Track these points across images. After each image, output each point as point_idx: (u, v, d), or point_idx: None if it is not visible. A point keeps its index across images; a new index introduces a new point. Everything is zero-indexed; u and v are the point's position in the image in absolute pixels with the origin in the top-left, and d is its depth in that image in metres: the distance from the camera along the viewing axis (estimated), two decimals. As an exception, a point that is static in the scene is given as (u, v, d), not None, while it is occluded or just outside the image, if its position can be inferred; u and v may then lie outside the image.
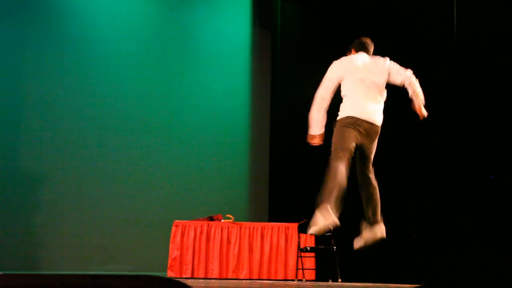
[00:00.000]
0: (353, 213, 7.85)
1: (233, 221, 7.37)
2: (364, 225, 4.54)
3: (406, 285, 4.76)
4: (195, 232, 7.18)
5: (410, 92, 4.66)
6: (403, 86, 4.71)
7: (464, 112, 7.09)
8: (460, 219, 6.95)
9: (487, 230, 6.69)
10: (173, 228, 7.18)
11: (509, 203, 6.57)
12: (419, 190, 7.40)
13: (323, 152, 8.50)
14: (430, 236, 7.14)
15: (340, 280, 6.61)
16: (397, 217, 7.44)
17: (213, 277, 7.10)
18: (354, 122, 4.46)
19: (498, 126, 6.82)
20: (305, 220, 6.99)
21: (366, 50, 4.79)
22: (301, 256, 6.87)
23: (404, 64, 7.75)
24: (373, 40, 8.13)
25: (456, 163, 7.07)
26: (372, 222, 4.51)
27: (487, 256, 6.61)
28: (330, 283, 6.59)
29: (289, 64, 8.81)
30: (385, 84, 4.67)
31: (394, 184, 7.62)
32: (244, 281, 6.87)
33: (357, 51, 4.82)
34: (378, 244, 4.84)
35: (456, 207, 6.99)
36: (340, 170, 4.32)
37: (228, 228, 7.26)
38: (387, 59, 4.78)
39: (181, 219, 7.30)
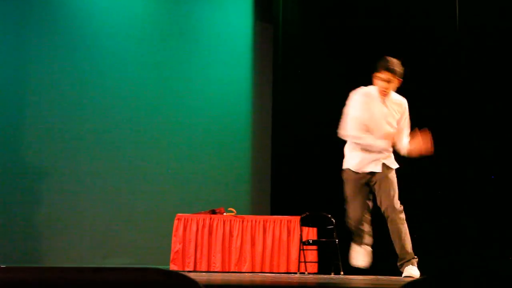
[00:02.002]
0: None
1: (235, 214, 7.38)
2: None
3: (407, 278, 4.76)
4: (198, 225, 7.18)
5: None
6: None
7: (464, 112, 7.09)
8: (460, 219, 6.95)
9: (487, 230, 6.69)
10: (176, 222, 7.18)
11: (509, 203, 6.57)
12: (419, 190, 7.39)
13: (325, 145, 8.52)
14: (430, 236, 7.15)
15: (342, 272, 6.62)
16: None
17: (216, 270, 7.11)
18: None
19: (499, 126, 6.81)
20: (307, 214, 6.99)
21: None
22: (303, 249, 6.88)
23: (407, 60, 7.71)
24: (375, 35, 8.13)
25: (456, 163, 7.06)
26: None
27: (487, 256, 6.61)
28: (332, 276, 6.59)
29: (291, 57, 8.80)
30: None
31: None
32: (246, 274, 6.87)
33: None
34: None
35: (456, 207, 6.99)
36: None
37: (230, 221, 7.26)
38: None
39: (183, 212, 7.30)
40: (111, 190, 8.11)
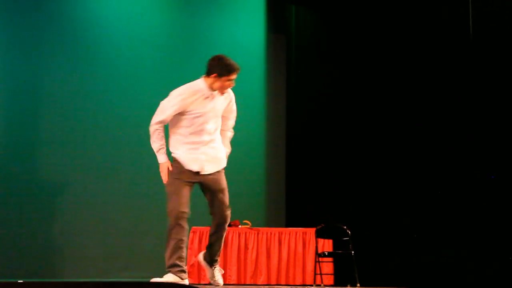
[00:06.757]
0: (371, 218, 7.82)
1: (251, 226, 7.36)
2: None
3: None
4: (213, 238, 7.15)
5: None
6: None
7: (464, 112, 7.06)
8: (460, 219, 6.92)
9: (487, 230, 6.65)
10: (191, 235, 7.17)
11: (509, 203, 6.53)
12: (419, 190, 7.38)
13: (340, 157, 8.47)
14: (430, 237, 7.12)
15: (358, 284, 6.57)
16: (400, 217, 7.42)
17: (231, 283, 7.09)
18: None
19: (499, 125, 6.77)
20: (323, 225, 6.96)
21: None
22: (319, 261, 6.83)
23: (414, 62, 7.67)
24: (387, 41, 8.10)
25: (456, 163, 7.04)
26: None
27: (487, 256, 6.57)
28: (348, 288, 6.55)
29: (304, 68, 8.80)
30: None
31: (395, 184, 7.59)
32: (262, 286, 6.84)
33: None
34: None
35: (456, 207, 6.97)
36: None
37: (245, 233, 7.24)
38: None
39: (199, 225, 7.28)
40: (127, 204, 8.10)
